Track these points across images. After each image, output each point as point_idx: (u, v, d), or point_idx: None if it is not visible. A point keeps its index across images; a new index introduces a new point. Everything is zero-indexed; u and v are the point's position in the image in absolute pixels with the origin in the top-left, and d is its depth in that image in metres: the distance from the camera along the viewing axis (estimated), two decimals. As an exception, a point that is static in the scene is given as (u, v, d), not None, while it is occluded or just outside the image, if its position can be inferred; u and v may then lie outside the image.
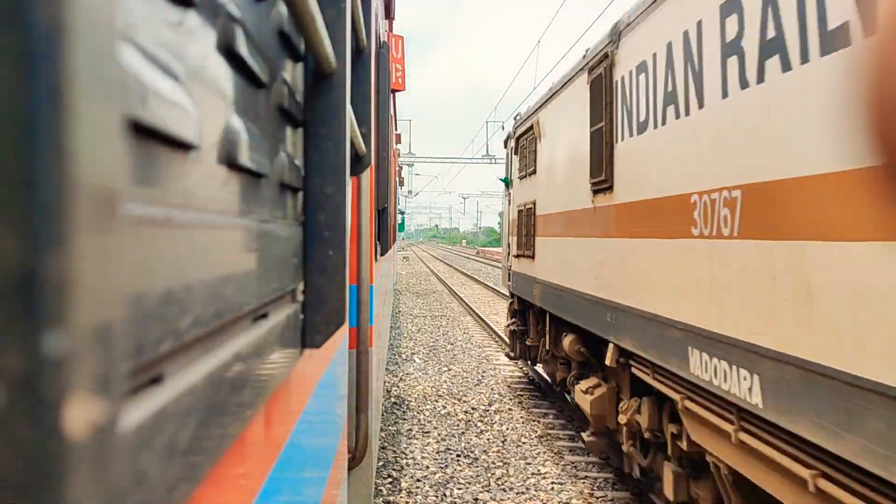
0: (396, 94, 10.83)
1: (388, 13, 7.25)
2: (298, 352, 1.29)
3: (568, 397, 9.35)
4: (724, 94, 3.70)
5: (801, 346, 2.98)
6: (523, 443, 8.44)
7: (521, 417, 9.54)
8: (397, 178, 19.50)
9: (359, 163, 2.47)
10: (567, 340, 7.70)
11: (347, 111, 1.45)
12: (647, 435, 5.53)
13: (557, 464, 7.69)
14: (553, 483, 7.10)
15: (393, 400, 10.50)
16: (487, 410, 9.89)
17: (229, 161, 0.79)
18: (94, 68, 0.32)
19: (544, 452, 8.08)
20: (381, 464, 7.63)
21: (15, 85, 0.29)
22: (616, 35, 5.61)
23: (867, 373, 2.56)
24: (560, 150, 7.73)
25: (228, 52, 0.80)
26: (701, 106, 4.01)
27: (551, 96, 8.16)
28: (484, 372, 12.51)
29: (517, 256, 10.46)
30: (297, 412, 1.35)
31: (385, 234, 6.08)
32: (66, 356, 0.31)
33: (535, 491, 6.90)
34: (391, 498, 6.71)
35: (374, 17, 3.41)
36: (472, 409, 9.98)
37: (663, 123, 4.60)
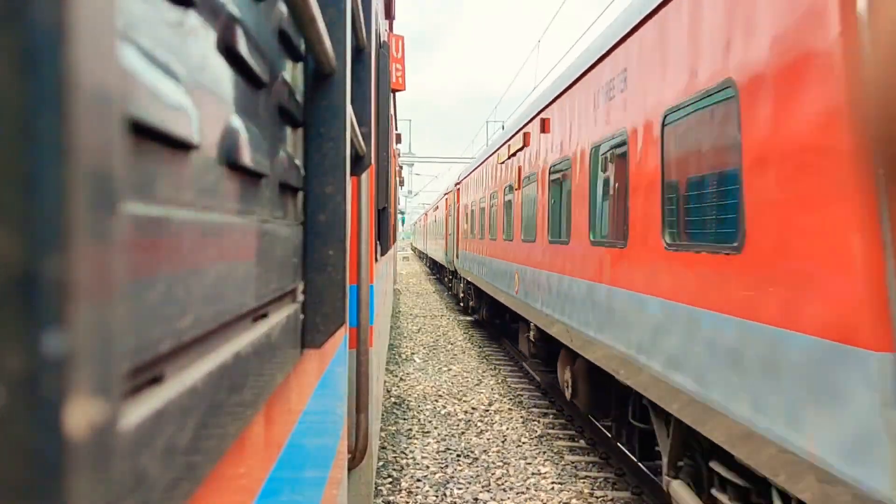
0: (396, 93, 10.83)
1: (388, 13, 7.25)
2: (298, 352, 1.29)
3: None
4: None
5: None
6: (523, 443, 8.44)
7: (521, 417, 9.54)
8: (397, 178, 19.85)
9: (359, 163, 2.47)
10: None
11: (347, 111, 1.45)
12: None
13: (557, 464, 7.69)
14: (553, 483, 7.10)
15: (393, 400, 10.50)
16: (487, 410, 9.89)
17: (229, 161, 0.79)
18: (94, 68, 0.32)
19: (544, 452, 8.08)
20: (381, 463, 7.63)
21: (15, 85, 0.29)
22: (455, 185, 21.51)
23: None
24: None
25: (229, 51, 0.80)
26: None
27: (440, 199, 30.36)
28: (484, 372, 12.52)
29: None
30: (297, 412, 1.35)
31: (385, 233, 6.08)
32: (66, 356, 0.31)
33: (536, 491, 6.90)
34: (391, 498, 6.71)
35: (374, 16, 3.41)
36: (473, 408, 9.98)
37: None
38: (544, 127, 8.73)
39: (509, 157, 11.30)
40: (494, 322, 15.94)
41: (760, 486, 3.74)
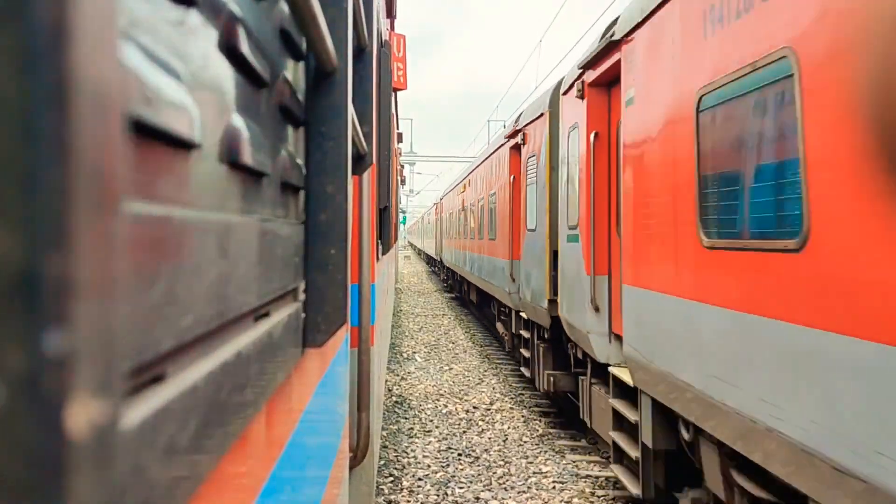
0: (398, 92, 10.85)
1: (390, 12, 7.25)
2: (300, 351, 1.29)
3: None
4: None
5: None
6: (525, 442, 8.44)
7: (523, 416, 9.54)
8: (399, 177, 20.19)
9: (360, 162, 2.47)
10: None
11: (349, 110, 1.45)
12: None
13: (559, 463, 7.69)
14: (554, 482, 7.10)
15: (394, 399, 10.51)
16: (489, 409, 9.90)
17: (230, 160, 0.79)
18: (95, 67, 0.32)
19: (546, 452, 8.08)
20: (382, 463, 7.64)
21: (16, 84, 0.29)
22: (440, 199, 32.52)
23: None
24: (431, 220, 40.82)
25: (230, 51, 0.80)
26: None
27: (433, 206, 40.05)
28: (485, 371, 12.52)
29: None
30: (298, 411, 1.35)
31: (387, 233, 6.08)
32: (67, 355, 0.31)
33: (537, 490, 6.90)
34: (392, 497, 6.72)
35: (376, 15, 3.41)
36: (474, 407, 9.99)
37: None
38: (467, 185, 18.66)
39: (459, 195, 21.69)
40: (460, 294, 25.03)
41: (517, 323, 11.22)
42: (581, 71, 7.04)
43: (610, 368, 6.38)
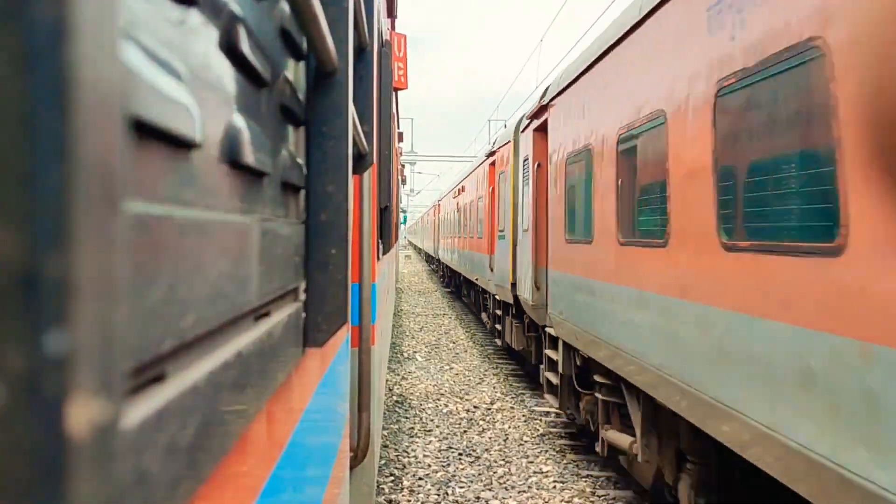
0: (398, 92, 10.85)
1: (390, 11, 7.25)
2: (300, 350, 1.29)
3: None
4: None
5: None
6: (525, 441, 8.44)
7: (523, 416, 9.54)
8: (399, 177, 20.55)
9: (361, 161, 2.46)
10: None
11: (350, 109, 1.45)
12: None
13: (559, 462, 7.69)
14: (555, 482, 7.10)
15: (395, 398, 10.51)
16: (489, 409, 9.90)
17: (231, 160, 0.79)
18: (95, 66, 0.32)
19: (546, 451, 8.08)
20: (383, 462, 7.64)
21: (16, 83, 0.28)
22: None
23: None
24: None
25: (231, 50, 0.80)
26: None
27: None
28: (486, 371, 12.52)
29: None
30: (298, 411, 1.35)
31: (387, 232, 6.08)
32: (68, 355, 0.31)
33: (538, 489, 6.90)
34: (393, 496, 6.72)
35: (377, 15, 3.41)
36: (475, 407, 9.99)
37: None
38: (441, 205, 27.88)
39: (438, 206, 26.48)
40: (452, 282, 30.30)
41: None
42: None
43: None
